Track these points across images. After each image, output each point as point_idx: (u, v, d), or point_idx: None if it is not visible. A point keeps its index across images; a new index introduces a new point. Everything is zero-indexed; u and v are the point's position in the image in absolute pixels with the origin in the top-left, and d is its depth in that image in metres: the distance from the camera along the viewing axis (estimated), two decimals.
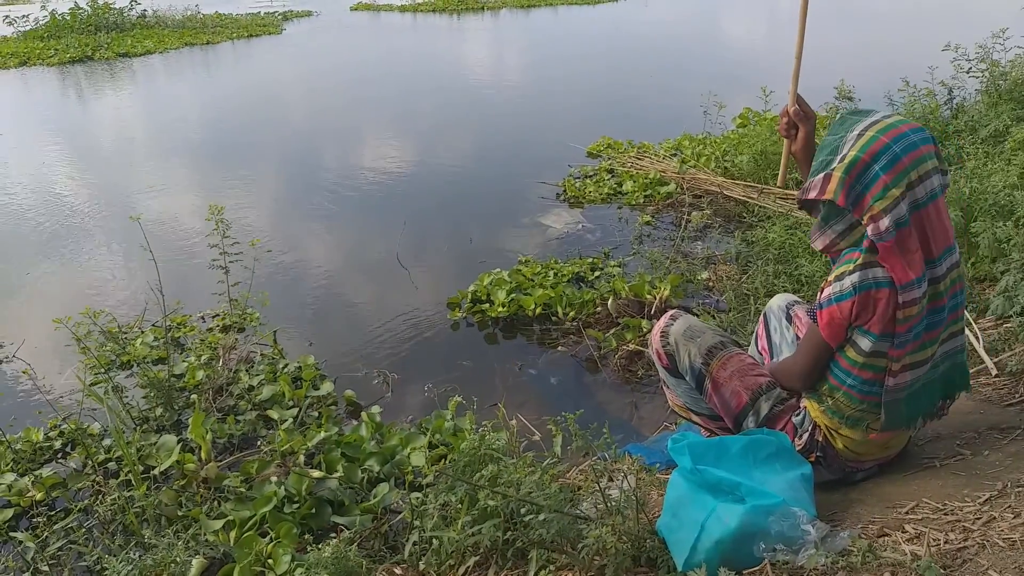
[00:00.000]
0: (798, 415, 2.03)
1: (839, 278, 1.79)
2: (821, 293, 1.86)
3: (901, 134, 1.71)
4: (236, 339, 3.87)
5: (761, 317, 2.42)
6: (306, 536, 2.46)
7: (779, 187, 3.36)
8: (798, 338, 2.19)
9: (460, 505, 2.03)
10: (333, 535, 2.40)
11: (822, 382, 1.94)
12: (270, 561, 2.28)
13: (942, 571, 1.47)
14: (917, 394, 1.85)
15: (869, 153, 1.71)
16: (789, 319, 2.29)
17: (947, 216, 1.78)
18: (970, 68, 5.21)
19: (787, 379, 2.05)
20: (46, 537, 2.51)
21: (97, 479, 2.79)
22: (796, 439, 2.00)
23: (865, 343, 1.80)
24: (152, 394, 3.29)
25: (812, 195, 1.79)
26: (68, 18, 17.93)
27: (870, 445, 1.94)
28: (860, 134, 1.74)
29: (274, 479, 2.65)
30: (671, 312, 2.27)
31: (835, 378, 1.89)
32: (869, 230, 1.72)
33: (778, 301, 2.37)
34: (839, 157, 1.76)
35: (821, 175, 1.78)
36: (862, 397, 1.86)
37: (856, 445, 1.94)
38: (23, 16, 18.18)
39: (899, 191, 1.69)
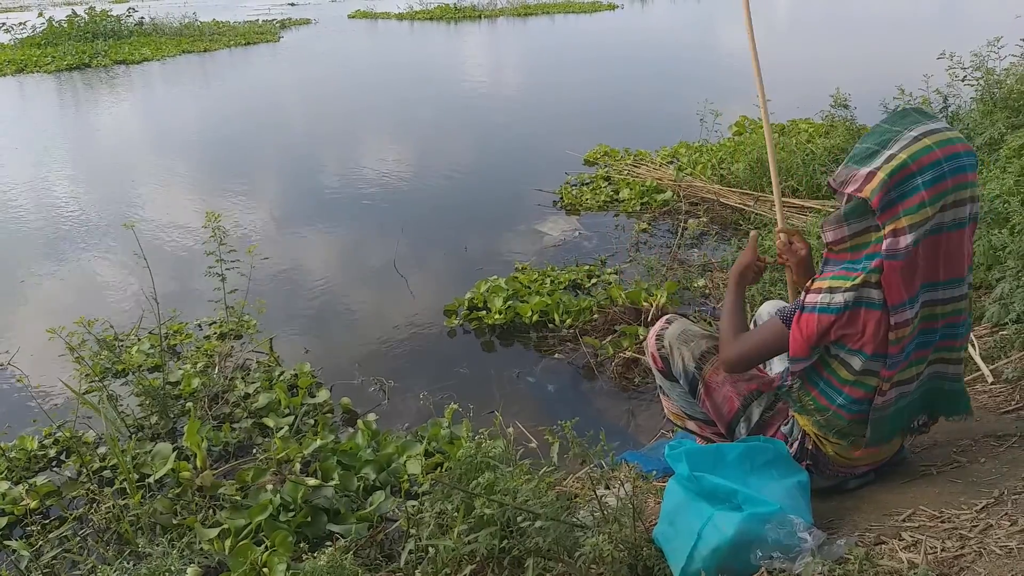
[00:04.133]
0: (787, 424, 2.02)
1: (831, 291, 1.73)
2: (805, 295, 1.81)
3: (955, 153, 1.62)
4: (232, 347, 3.86)
5: (751, 323, 2.41)
6: (302, 545, 2.44)
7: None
8: None
9: (456, 513, 2.02)
10: (329, 544, 2.39)
11: (805, 394, 1.90)
12: (265, 570, 2.27)
13: None
14: (901, 411, 1.84)
15: (918, 163, 1.61)
16: None
17: (967, 247, 1.72)
18: (965, 76, 5.22)
19: (728, 349, 2.00)
20: (40, 546, 2.50)
21: (92, 487, 2.77)
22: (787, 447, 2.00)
23: (856, 362, 1.76)
24: (147, 402, 3.28)
25: (849, 189, 1.69)
26: (65, 26, 17.99)
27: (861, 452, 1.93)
28: (916, 138, 1.64)
29: (270, 487, 2.64)
30: (667, 315, 2.27)
31: (825, 397, 1.86)
32: (886, 243, 1.64)
33: (767, 308, 2.37)
34: (887, 155, 1.65)
35: (865, 170, 1.67)
36: (850, 416, 1.84)
37: (847, 451, 1.93)
38: (20, 23, 18.25)
39: (932, 211, 1.61)
